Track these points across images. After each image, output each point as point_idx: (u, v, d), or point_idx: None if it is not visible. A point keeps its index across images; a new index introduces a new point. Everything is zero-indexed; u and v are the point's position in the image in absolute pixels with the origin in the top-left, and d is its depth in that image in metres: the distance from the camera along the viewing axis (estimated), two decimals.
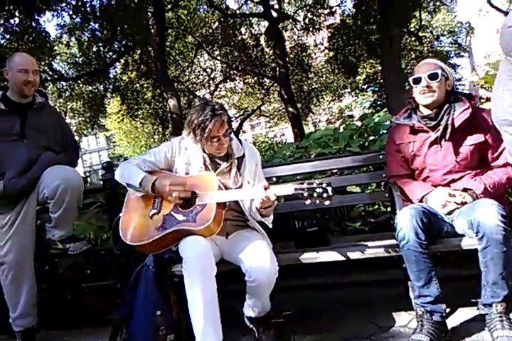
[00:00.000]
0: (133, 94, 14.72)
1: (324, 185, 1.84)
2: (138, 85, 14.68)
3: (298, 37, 16.57)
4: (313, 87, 17.82)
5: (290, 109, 13.96)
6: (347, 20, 14.88)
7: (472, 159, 2.07)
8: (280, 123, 22.84)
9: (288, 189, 1.90)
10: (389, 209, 2.99)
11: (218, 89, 18.26)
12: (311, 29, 15.73)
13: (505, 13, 14.45)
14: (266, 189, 1.92)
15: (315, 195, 1.83)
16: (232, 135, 2.22)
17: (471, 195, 2.00)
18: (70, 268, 2.78)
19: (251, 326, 2.18)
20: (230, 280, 2.06)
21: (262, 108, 20.23)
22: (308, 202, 1.85)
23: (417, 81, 2.10)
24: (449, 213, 2.02)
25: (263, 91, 17.46)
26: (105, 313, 2.53)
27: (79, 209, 2.40)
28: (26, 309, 2.36)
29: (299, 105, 15.64)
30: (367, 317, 2.25)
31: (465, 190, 2.03)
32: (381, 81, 17.12)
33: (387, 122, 3.14)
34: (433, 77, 2.07)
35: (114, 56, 13.07)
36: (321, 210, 2.72)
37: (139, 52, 13.49)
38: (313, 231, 2.35)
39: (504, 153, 2.03)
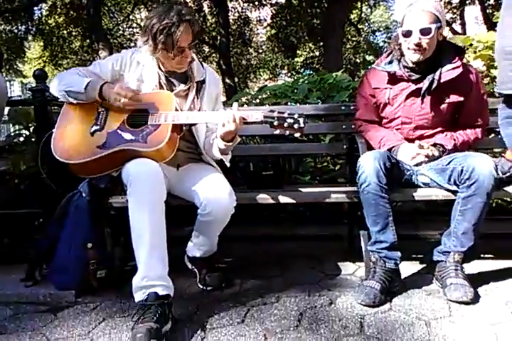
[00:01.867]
0: (58, 41, 13.25)
1: (296, 116, 1.65)
2: (65, 32, 13.26)
3: (242, 9, 16.13)
4: (251, 62, 17.59)
5: (227, 81, 13.61)
6: (292, 1, 14.79)
7: (447, 117, 2.02)
8: None
9: (256, 115, 1.70)
10: (337, 167, 2.96)
11: None
12: (256, 3, 15.44)
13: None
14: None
15: (285, 124, 1.65)
16: (194, 55, 1.96)
17: (438, 149, 1.97)
18: None
19: (193, 268, 2.00)
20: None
21: None
22: (277, 131, 1.67)
23: (407, 34, 1.89)
24: (417, 165, 1.97)
25: (201, 59, 16.88)
26: (22, 246, 2.17)
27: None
28: None
29: (235, 79, 15.32)
30: (314, 266, 2.18)
31: (434, 145, 1.99)
32: (317, 66, 17.35)
33: (346, 80, 3.07)
34: (426, 32, 1.85)
35: None
36: (274, 158, 2.57)
37: None
38: (269, 174, 2.21)
39: (479, 113, 2.03)
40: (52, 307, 1.79)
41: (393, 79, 2.02)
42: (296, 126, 1.65)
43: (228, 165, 1.95)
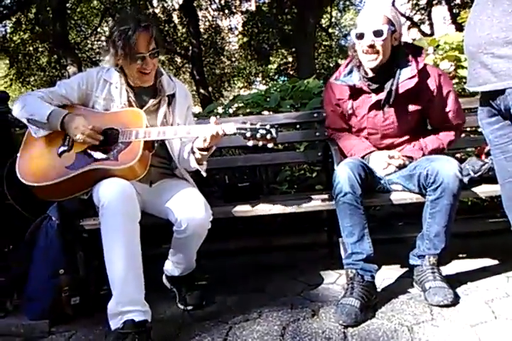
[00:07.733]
0: (25, 58, 12.94)
1: (268, 127, 1.66)
2: (31, 48, 12.99)
3: (213, 18, 16.16)
4: (225, 71, 17.57)
5: (201, 91, 13.61)
6: (262, 8, 14.91)
7: (413, 124, 2.02)
8: None
9: (229, 128, 1.70)
10: (314, 174, 2.96)
11: None
12: (226, 11, 15.49)
13: (407, 18, 15.62)
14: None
15: (258, 135, 1.65)
16: (162, 70, 1.94)
17: (409, 159, 1.98)
18: None
19: (172, 287, 1.96)
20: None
21: None
22: (250, 143, 1.67)
23: (360, 37, 1.88)
24: (388, 175, 1.98)
25: (174, 70, 16.79)
26: None
27: None
28: None
29: (210, 89, 15.28)
30: (295, 277, 2.16)
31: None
32: (291, 72, 17.48)
33: (317, 87, 3.08)
34: (378, 34, 1.84)
35: (4, 12, 11.43)
36: (250, 169, 2.56)
37: (34, 11, 11.98)
38: (245, 186, 2.18)
39: (451, 114, 1.99)
40: (25, 338, 1.72)
41: (354, 91, 2.01)
42: (268, 136, 1.65)
43: (205, 174, 1.90)
